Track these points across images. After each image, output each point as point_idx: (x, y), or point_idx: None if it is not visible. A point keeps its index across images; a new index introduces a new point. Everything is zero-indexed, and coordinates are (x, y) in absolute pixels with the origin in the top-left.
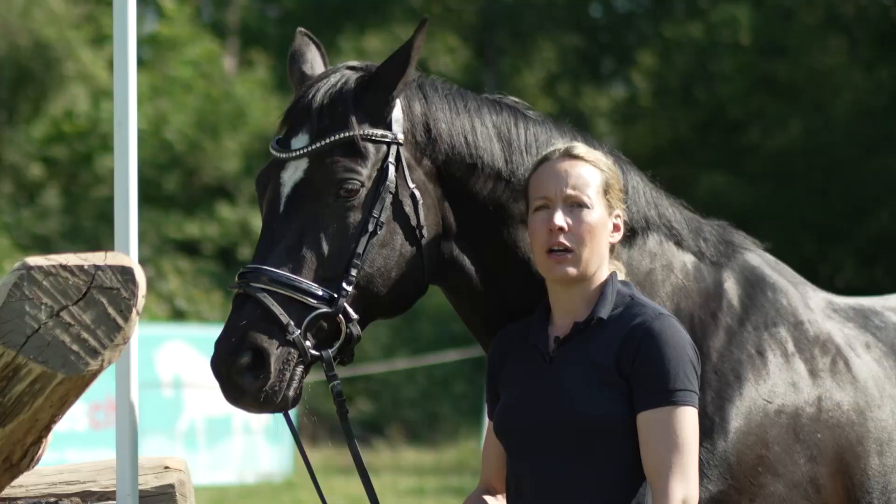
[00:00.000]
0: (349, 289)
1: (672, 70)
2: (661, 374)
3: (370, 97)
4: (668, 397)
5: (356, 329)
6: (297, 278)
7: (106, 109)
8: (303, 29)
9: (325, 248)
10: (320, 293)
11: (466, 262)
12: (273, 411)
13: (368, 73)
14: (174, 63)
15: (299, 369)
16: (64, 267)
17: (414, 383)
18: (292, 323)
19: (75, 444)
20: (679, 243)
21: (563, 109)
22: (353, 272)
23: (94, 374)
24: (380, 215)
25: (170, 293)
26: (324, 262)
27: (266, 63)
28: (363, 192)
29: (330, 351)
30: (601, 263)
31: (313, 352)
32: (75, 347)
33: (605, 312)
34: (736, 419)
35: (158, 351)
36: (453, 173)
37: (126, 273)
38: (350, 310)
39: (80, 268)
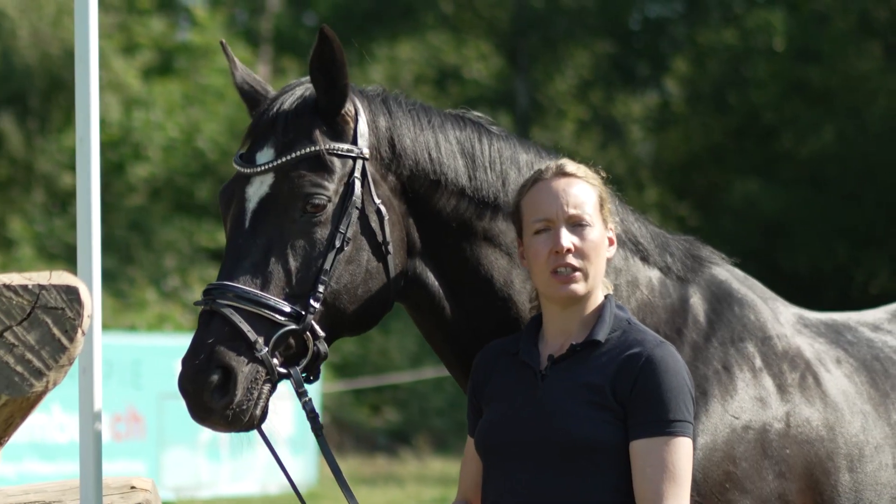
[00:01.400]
0: (316, 305)
1: (706, 76)
2: (659, 403)
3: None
4: (665, 427)
5: (323, 346)
6: (264, 295)
7: (138, 118)
8: (223, 41)
9: (292, 263)
10: (287, 310)
11: (430, 278)
12: (240, 430)
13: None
14: (207, 71)
15: (266, 387)
16: (7, 286)
17: (441, 392)
18: (260, 340)
19: None
20: (645, 258)
21: (596, 116)
22: (321, 289)
23: (40, 396)
24: (346, 231)
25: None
26: (291, 278)
27: (299, 70)
28: (330, 207)
29: (298, 368)
30: (601, 280)
31: (281, 370)
32: (19, 368)
33: (602, 335)
34: (702, 435)
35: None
36: (417, 189)
37: (71, 292)
38: (317, 327)
39: (24, 287)
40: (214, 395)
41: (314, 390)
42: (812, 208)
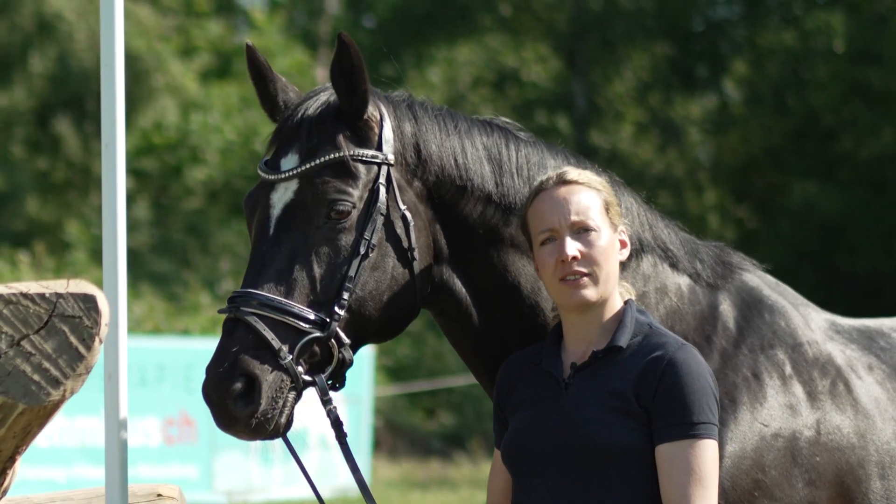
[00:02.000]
0: (341, 312)
1: (765, 78)
2: (683, 406)
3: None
4: (690, 430)
5: (348, 353)
6: (288, 302)
7: (195, 121)
8: (250, 43)
9: (317, 271)
10: (312, 317)
11: (457, 284)
12: (265, 438)
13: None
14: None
15: (291, 395)
16: (25, 295)
17: None
18: (284, 348)
19: (148, 460)
20: (674, 265)
21: (654, 118)
22: (346, 296)
23: (57, 405)
24: (371, 237)
25: None
26: (315, 285)
27: None
28: (354, 213)
29: (323, 376)
30: (616, 284)
31: (306, 377)
32: (36, 377)
33: (624, 341)
34: (731, 443)
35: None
36: (443, 195)
37: (88, 301)
38: (342, 334)
39: (42, 296)
40: (238, 404)
41: (360, 393)
42: (871, 210)
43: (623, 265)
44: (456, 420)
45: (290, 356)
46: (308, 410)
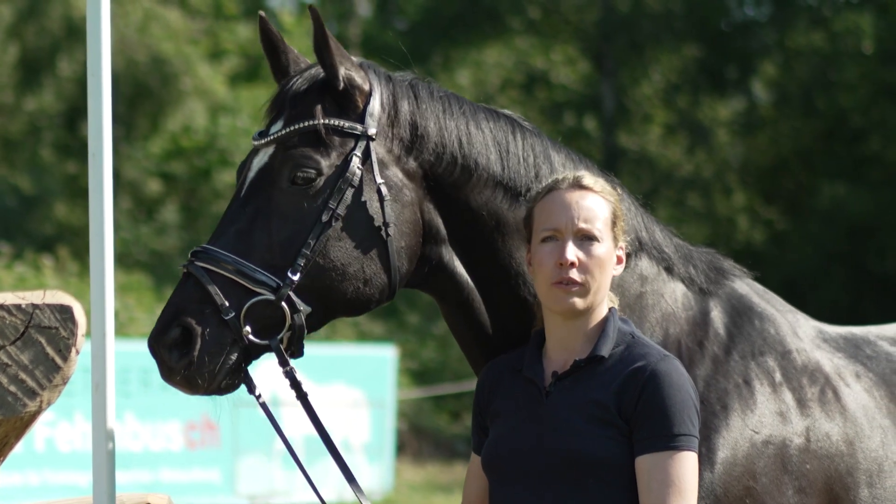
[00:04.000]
0: (295, 278)
1: (794, 79)
2: (665, 417)
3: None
4: (670, 442)
5: (300, 320)
6: (240, 261)
7: (224, 124)
8: (262, 14)
9: (276, 233)
10: (263, 278)
11: (458, 268)
12: (201, 393)
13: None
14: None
15: (235, 353)
16: (1, 306)
17: None
18: (227, 304)
19: (171, 464)
20: (669, 269)
21: (683, 120)
22: (301, 262)
23: (34, 416)
24: (337, 207)
25: None
26: (272, 247)
27: None
28: (320, 181)
29: (277, 339)
30: (605, 296)
31: (254, 338)
32: (13, 388)
33: (606, 350)
34: (722, 450)
35: (255, 369)
36: (443, 176)
37: (65, 312)
38: (296, 299)
39: (18, 307)
40: (173, 354)
41: (383, 397)
42: None
43: (624, 262)
44: None
45: (233, 313)
46: (325, 415)
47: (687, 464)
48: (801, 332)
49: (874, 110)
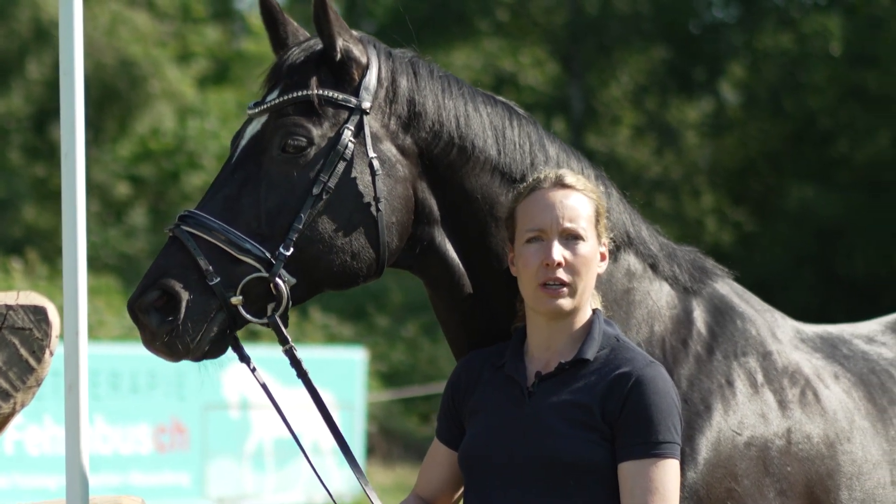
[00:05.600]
0: (287, 253)
1: (762, 81)
2: (649, 424)
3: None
4: (654, 449)
5: (286, 291)
6: (227, 227)
7: (192, 127)
8: None
9: (264, 201)
10: (248, 246)
11: (450, 251)
12: (183, 358)
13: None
14: (262, 79)
15: (219, 320)
16: None
17: None
18: (211, 269)
19: (141, 467)
20: (654, 267)
21: (651, 122)
22: (294, 236)
23: (8, 417)
24: (328, 180)
25: None
26: (259, 215)
27: None
28: (312, 151)
29: (276, 316)
30: (590, 295)
31: (242, 311)
32: None
33: (591, 353)
34: (705, 450)
35: (225, 372)
36: (439, 156)
37: (39, 313)
38: (285, 273)
39: None
40: (153, 318)
41: (353, 399)
42: (868, 213)
43: (613, 257)
44: None
45: (218, 279)
46: (297, 417)
47: (670, 471)
48: (780, 332)
49: (842, 112)
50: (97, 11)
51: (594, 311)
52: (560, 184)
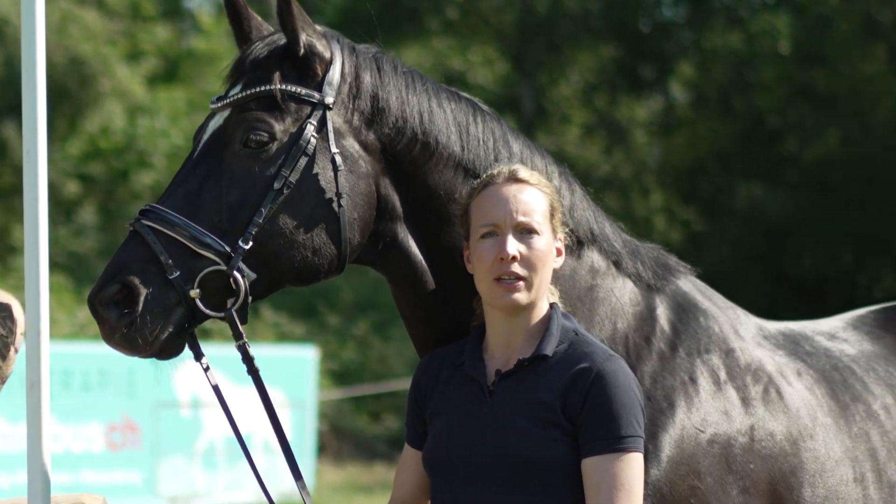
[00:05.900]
0: (245, 246)
1: (711, 80)
2: (611, 419)
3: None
4: (617, 444)
5: (246, 286)
6: (188, 222)
7: (142, 126)
8: None
9: (225, 196)
10: (209, 241)
11: (412, 247)
12: (143, 354)
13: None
14: (212, 78)
15: (178, 314)
16: None
17: None
18: (171, 263)
19: (92, 466)
20: (618, 264)
21: (601, 120)
22: (253, 230)
23: None
24: (289, 175)
25: None
26: (220, 210)
27: None
28: (273, 146)
29: (232, 310)
30: (546, 290)
31: (201, 305)
32: None
33: (550, 349)
34: (669, 448)
35: (177, 371)
36: (403, 152)
37: (3, 310)
38: (245, 267)
39: None
40: (111, 310)
41: (303, 397)
42: (817, 212)
43: (577, 253)
44: (401, 423)
45: (178, 272)
46: (249, 415)
47: (634, 465)
48: (743, 329)
49: (791, 111)
50: (47, 10)
51: (551, 305)
52: (514, 179)
